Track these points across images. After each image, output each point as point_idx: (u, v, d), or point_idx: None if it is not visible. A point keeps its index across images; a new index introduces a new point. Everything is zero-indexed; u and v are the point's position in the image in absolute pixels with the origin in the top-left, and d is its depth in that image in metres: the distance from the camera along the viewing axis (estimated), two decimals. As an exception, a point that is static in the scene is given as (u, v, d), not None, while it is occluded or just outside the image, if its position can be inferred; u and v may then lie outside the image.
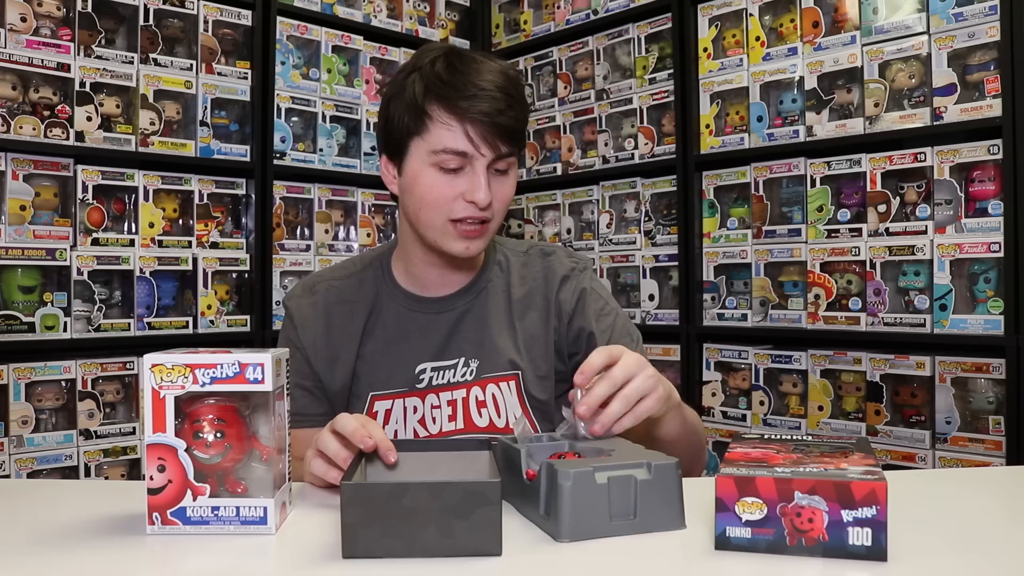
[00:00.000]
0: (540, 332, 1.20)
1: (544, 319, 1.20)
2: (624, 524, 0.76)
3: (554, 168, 2.85)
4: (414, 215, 1.12)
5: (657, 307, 2.54)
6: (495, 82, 1.06)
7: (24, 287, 2.05)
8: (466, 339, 1.18)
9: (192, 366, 0.78)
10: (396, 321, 1.19)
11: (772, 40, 2.30)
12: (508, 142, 1.07)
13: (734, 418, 2.36)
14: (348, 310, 1.20)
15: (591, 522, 0.75)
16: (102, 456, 2.13)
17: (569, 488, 0.74)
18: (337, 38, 2.62)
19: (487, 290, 1.21)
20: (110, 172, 2.19)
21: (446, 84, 1.05)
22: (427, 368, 1.17)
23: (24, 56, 2.03)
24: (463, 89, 1.04)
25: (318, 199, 2.59)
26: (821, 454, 0.78)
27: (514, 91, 1.08)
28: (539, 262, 1.25)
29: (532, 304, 1.21)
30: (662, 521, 0.77)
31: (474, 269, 1.22)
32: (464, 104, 1.04)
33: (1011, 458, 1.82)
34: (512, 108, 1.06)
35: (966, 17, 1.91)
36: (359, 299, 1.20)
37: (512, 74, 1.10)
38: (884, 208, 2.06)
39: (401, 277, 1.22)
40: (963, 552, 0.73)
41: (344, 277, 1.24)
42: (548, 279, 1.22)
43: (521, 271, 1.23)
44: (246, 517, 0.78)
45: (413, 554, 0.70)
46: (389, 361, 1.17)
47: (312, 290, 1.22)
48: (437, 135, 1.06)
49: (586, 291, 1.21)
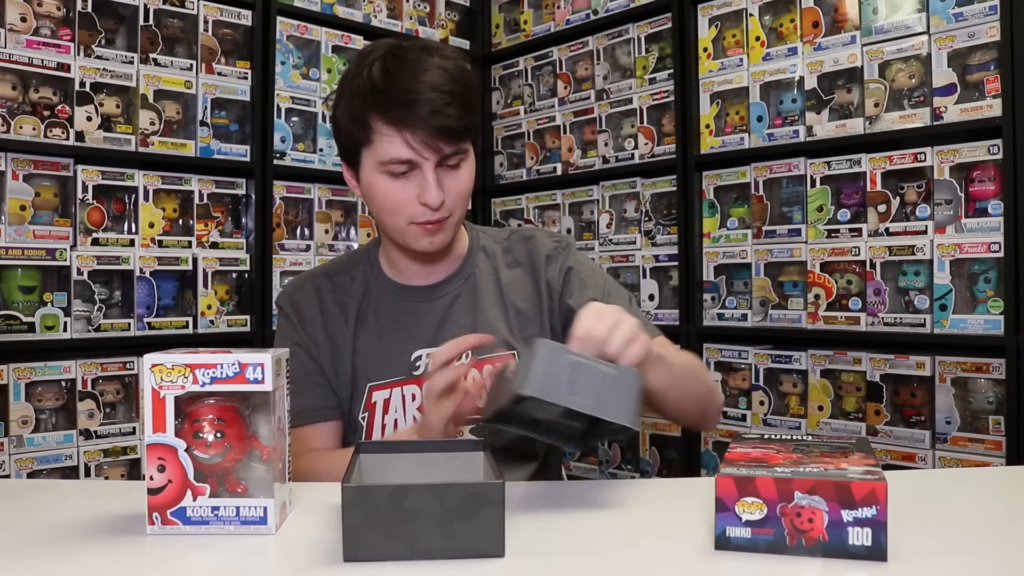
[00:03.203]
0: (533, 312, 1.22)
1: (536, 299, 1.23)
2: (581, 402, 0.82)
3: (554, 168, 2.85)
4: (378, 219, 1.16)
5: (657, 307, 2.54)
6: (432, 82, 1.04)
7: (24, 287, 2.05)
8: (459, 323, 1.19)
9: (192, 366, 0.78)
10: (387, 311, 1.21)
11: (772, 40, 2.30)
12: (451, 141, 1.06)
13: (734, 418, 2.36)
14: (340, 302, 1.22)
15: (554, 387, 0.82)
16: (102, 456, 2.13)
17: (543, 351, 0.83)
18: (337, 38, 2.62)
19: (475, 275, 1.23)
20: (110, 172, 2.19)
21: (381, 93, 1.04)
22: (423, 355, 1.17)
23: (24, 56, 2.03)
24: (397, 96, 1.03)
25: (318, 199, 2.59)
26: (821, 454, 0.78)
27: (453, 87, 1.05)
28: (522, 245, 1.27)
29: (522, 285, 1.23)
30: (615, 412, 0.83)
31: (458, 257, 1.24)
32: (399, 112, 1.03)
33: (1011, 458, 1.82)
34: (451, 106, 1.04)
35: (966, 17, 1.91)
36: (349, 293, 1.22)
37: (451, 68, 1.07)
38: (884, 208, 2.06)
39: (388, 270, 1.24)
40: (963, 552, 0.73)
41: (334, 273, 1.25)
42: (533, 260, 1.24)
43: (505, 256, 1.26)
44: (246, 517, 0.78)
45: (415, 556, 0.70)
46: (383, 351, 1.18)
47: (303, 286, 1.24)
48: (381, 146, 1.06)
49: (572, 270, 1.24)
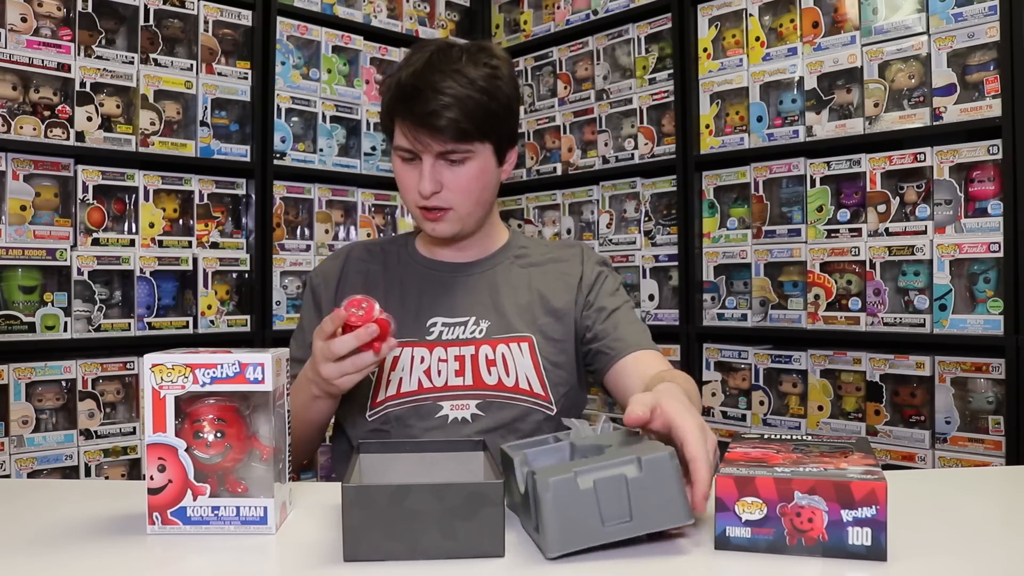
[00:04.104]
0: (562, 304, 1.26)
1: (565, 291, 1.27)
2: (620, 527, 0.70)
3: (554, 168, 2.85)
4: None
5: (657, 307, 2.54)
6: (445, 86, 1.11)
7: (24, 287, 2.05)
8: (479, 301, 1.24)
9: (192, 366, 0.78)
10: (413, 280, 1.28)
11: (772, 40, 2.30)
12: (446, 141, 1.13)
13: (734, 418, 2.36)
14: (365, 269, 1.29)
15: (581, 531, 0.69)
16: (102, 456, 2.13)
17: (550, 499, 0.69)
18: (337, 38, 2.62)
19: (503, 264, 1.29)
20: (110, 172, 2.19)
21: (400, 88, 1.15)
22: (438, 322, 1.22)
23: (24, 56, 2.03)
24: (408, 92, 1.13)
25: (318, 199, 2.59)
26: (821, 454, 0.78)
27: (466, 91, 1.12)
28: (563, 249, 1.34)
29: (553, 279, 1.28)
30: (662, 517, 0.71)
31: (489, 248, 1.30)
32: (403, 106, 1.13)
33: (1011, 458, 1.82)
34: (451, 110, 1.10)
35: (966, 17, 1.91)
36: (378, 264, 1.30)
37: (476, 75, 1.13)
38: (884, 208, 2.06)
39: (422, 248, 1.31)
40: (963, 552, 0.73)
41: (372, 244, 1.35)
42: (571, 260, 1.30)
43: (541, 256, 1.31)
44: (246, 517, 0.79)
45: (415, 556, 0.70)
46: (401, 312, 1.21)
47: (338, 254, 1.33)
48: (396, 134, 1.18)
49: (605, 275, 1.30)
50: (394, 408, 1.18)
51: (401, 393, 1.19)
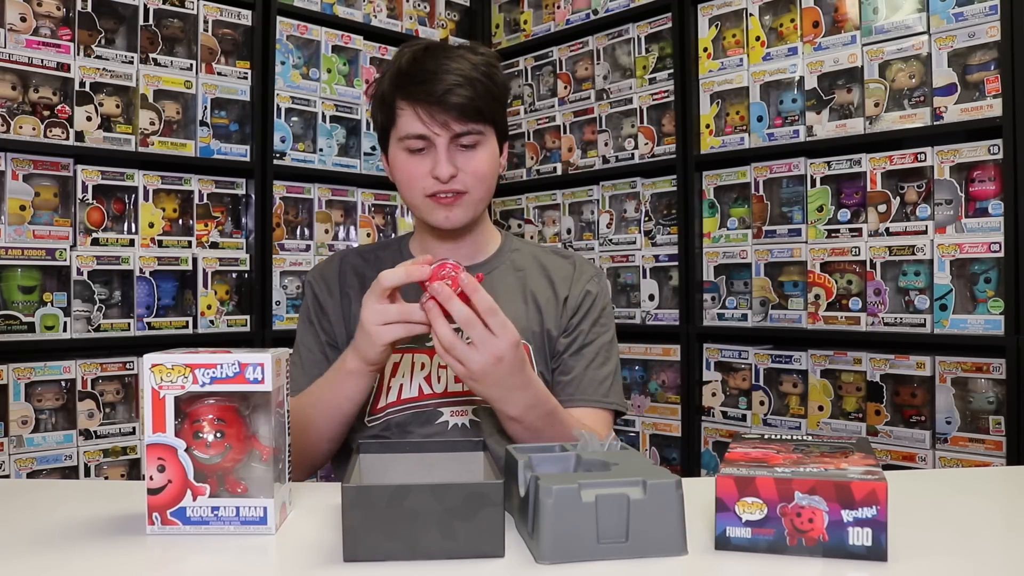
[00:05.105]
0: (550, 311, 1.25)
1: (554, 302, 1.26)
2: (614, 547, 0.69)
3: (554, 168, 2.85)
4: (401, 195, 1.23)
5: (657, 307, 2.54)
6: (451, 67, 1.12)
7: (24, 287, 2.05)
8: None
9: (192, 366, 0.78)
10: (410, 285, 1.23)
11: (772, 40, 2.30)
12: (463, 120, 1.13)
13: (734, 418, 2.36)
14: (361, 273, 1.27)
15: (575, 544, 0.69)
16: (102, 456, 2.13)
17: (551, 506, 0.69)
18: (337, 38, 2.62)
19: (500, 269, 1.28)
20: (110, 172, 2.19)
21: (404, 75, 1.14)
22: None
23: (24, 56, 2.03)
24: (416, 75, 1.13)
25: (318, 199, 2.59)
26: (821, 454, 0.78)
27: (472, 73, 1.13)
28: (557, 258, 1.32)
29: (545, 288, 1.27)
30: (658, 546, 0.70)
31: (485, 251, 1.29)
32: (415, 88, 1.12)
33: (1011, 458, 1.82)
34: (465, 87, 1.12)
35: (966, 17, 1.91)
36: (373, 265, 1.28)
37: (476, 60, 1.16)
38: (884, 208, 2.06)
39: (418, 253, 1.29)
40: (963, 552, 0.73)
41: (365, 250, 1.34)
42: (564, 272, 1.29)
43: (535, 261, 1.30)
44: (246, 517, 0.78)
45: (415, 557, 0.70)
46: None
47: (331, 260, 1.32)
48: (401, 123, 1.15)
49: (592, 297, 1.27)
50: (395, 415, 1.18)
51: (402, 400, 1.19)
